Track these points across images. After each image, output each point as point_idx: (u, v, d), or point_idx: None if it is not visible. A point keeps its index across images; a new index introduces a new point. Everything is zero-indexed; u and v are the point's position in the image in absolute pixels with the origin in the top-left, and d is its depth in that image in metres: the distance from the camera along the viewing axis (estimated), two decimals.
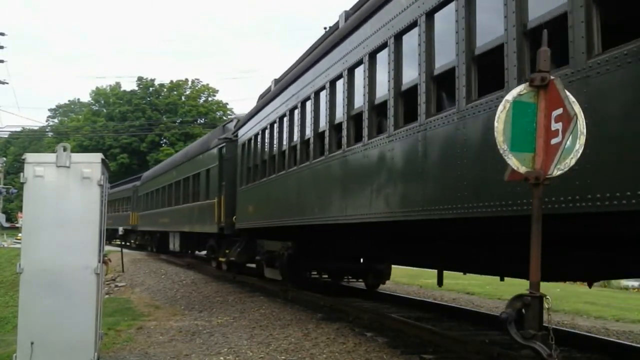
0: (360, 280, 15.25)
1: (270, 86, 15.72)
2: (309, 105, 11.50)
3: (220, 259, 19.72)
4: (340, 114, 9.91)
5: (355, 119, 9.35)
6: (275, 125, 13.66)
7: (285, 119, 12.93)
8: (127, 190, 41.73)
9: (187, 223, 23.50)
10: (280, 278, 14.52)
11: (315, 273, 15.59)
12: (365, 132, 8.78)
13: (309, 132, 11.40)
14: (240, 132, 17.48)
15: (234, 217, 16.84)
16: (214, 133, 22.24)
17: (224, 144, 18.89)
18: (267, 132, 14.45)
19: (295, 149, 12.12)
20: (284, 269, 14.21)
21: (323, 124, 10.66)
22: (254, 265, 17.93)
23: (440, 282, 9.94)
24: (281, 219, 12.74)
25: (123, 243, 43.90)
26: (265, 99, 15.11)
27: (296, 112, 12.24)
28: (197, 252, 28.00)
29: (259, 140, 15.28)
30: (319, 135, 10.89)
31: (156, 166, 40.06)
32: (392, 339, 8.45)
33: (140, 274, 20.87)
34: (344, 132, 9.60)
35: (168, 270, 21.90)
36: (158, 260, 27.31)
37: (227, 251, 18.64)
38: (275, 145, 13.63)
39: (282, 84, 13.64)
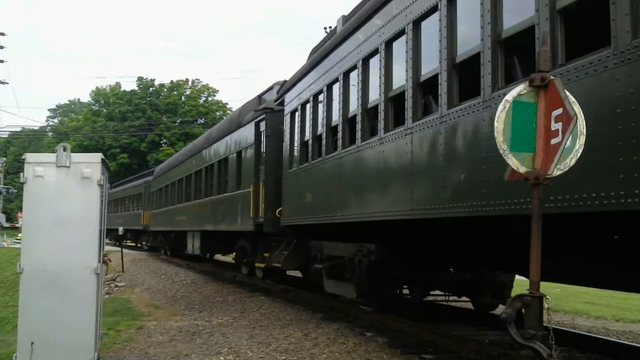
0: (465, 298, 10.86)
1: (335, 27, 11.57)
2: (402, 43, 7.93)
3: (257, 264, 15.83)
4: None
5: None
6: (347, 80, 9.80)
7: (359, 71, 9.25)
8: (138, 187, 37.40)
9: (211, 220, 19.52)
10: (354, 295, 10.27)
11: (406, 289, 10.86)
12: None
13: (404, 80, 7.81)
14: (288, 97, 13.21)
15: (278, 210, 13.14)
16: (246, 107, 17.38)
17: (263, 116, 14.75)
18: (334, 89, 10.30)
19: (388, 108, 8.34)
20: (361, 283, 9.78)
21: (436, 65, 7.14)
22: (298, 274, 15.43)
23: None
24: (360, 212, 8.96)
25: (124, 242, 42.01)
26: (328, 47, 10.92)
27: (378, 58, 8.60)
28: (221, 255, 25.11)
29: (319, 104, 11.16)
30: (428, 83, 7.44)
31: (171, 157, 35.52)
32: (392, 339, 8.44)
33: (140, 274, 20.86)
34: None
35: (168, 270, 21.89)
36: (158, 260, 27.29)
37: (266, 255, 14.93)
38: (348, 106, 9.72)
39: (358, 18, 9.44)
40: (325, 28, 12.11)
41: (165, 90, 78.03)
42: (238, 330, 9.77)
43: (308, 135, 11.68)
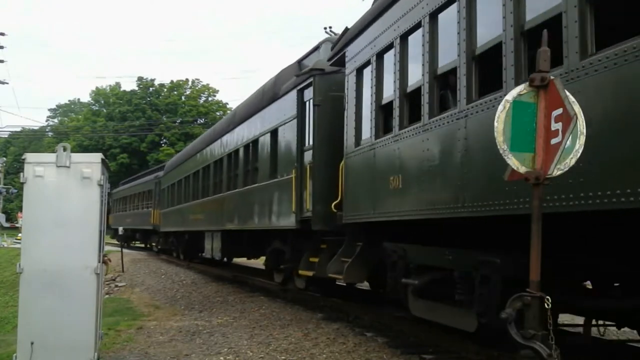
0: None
1: None
2: None
3: (302, 272, 12.25)
4: None
5: None
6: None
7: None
8: (148, 183, 33.69)
9: (235, 218, 16.05)
10: (473, 328, 7.03)
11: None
12: None
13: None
14: (352, 50, 9.66)
15: (335, 202, 9.94)
16: (283, 75, 13.60)
17: (309, 81, 11.30)
18: (446, 16, 6.93)
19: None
20: (489, 311, 6.45)
21: None
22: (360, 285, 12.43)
23: None
24: (507, 200, 5.53)
25: (132, 243, 40.24)
26: None
27: None
28: (246, 259, 21.51)
29: (411, 46, 7.83)
30: None
31: (186, 147, 31.17)
32: (392, 339, 8.44)
33: (140, 274, 20.86)
34: None
35: (168, 270, 21.90)
36: (158, 260, 27.29)
37: (313, 260, 11.57)
38: (475, 37, 6.40)
39: None
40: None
41: (165, 90, 78.04)
42: (238, 330, 9.77)
43: (392, 94, 8.04)
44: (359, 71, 9.45)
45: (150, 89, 78.27)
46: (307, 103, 11.58)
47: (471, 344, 7.39)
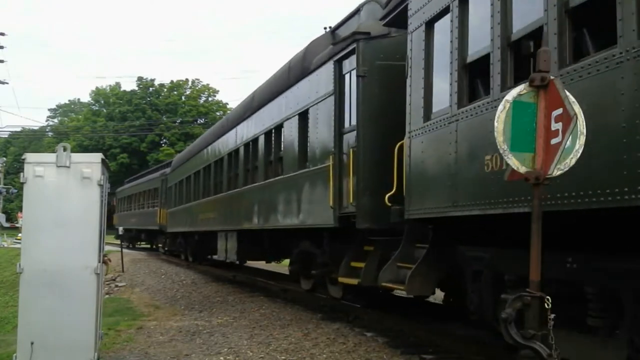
0: None
1: None
2: None
3: (342, 279, 10.02)
4: None
5: None
6: None
7: None
8: (154, 181, 31.98)
9: (255, 216, 13.97)
10: None
11: None
12: None
13: None
14: (418, 1, 7.64)
15: (389, 194, 8.07)
16: (314, 46, 11.53)
17: (351, 49, 9.37)
18: None
19: None
20: None
21: None
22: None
23: None
24: None
25: (138, 244, 38.78)
26: None
27: None
28: (265, 263, 18.31)
29: None
30: None
31: (194, 142, 28.25)
32: (392, 339, 8.44)
33: (140, 274, 20.86)
34: None
35: (168, 270, 21.90)
36: (158, 260, 27.29)
37: (356, 265, 9.63)
38: None
39: None
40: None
41: (165, 90, 78.09)
42: (238, 330, 9.77)
43: (488, 45, 6.07)
44: (430, 25, 7.40)
45: (150, 89, 78.31)
46: (348, 75, 9.62)
47: (471, 344, 7.40)
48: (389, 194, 8.09)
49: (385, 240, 8.92)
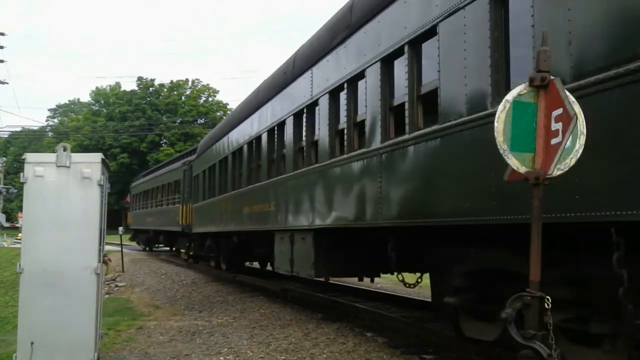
0: None
1: None
2: None
3: None
4: None
5: None
6: None
7: None
8: (175, 172, 26.67)
9: (366, 204, 8.00)
10: None
11: None
12: None
13: None
14: None
15: None
16: None
17: None
18: None
19: None
20: None
21: None
22: None
23: None
24: None
25: (156, 246, 34.39)
26: None
27: None
28: (359, 280, 11.99)
29: None
30: None
31: (235, 107, 19.23)
32: (392, 339, 8.44)
33: (140, 274, 20.87)
34: None
35: (168, 270, 21.89)
36: (158, 260, 27.27)
37: None
38: None
39: None
40: None
41: (165, 90, 78.17)
42: (238, 330, 9.77)
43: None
44: None
45: (150, 89, 78.40)
46: None
47: (471, 344, 7.39)
48: None
49: None
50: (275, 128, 12.35)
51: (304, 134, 10.78)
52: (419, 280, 9.32)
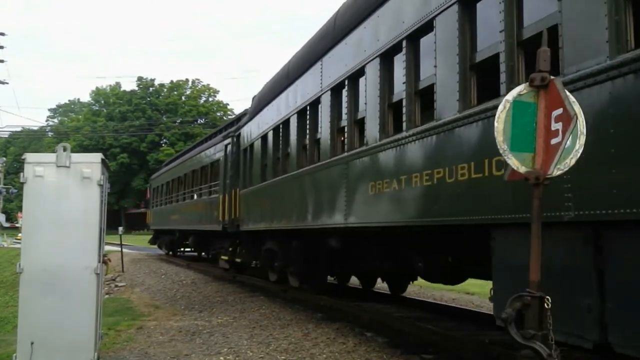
0: None
1: None
2: None
3: None
4: None
5: None
6: None
7: None
8: (212, 150, 19.80)
9: None
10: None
11: None
12: None
13: None
14: None
15: None
16: None
17: None
18: None
19: None
20: None
21: None
22: None
23: None
24: None
25: (169, 252, 29.47)
26: None
27: None
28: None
29: None
30: None
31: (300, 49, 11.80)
32: (392, 339, 8.44)
33: (140, 274, 20.86)
34: None
35: (168, 270, 21.88)
36: (158, 260, 27.26)
37: None
38: None
39: None
40: None
41: (165, 90, 78.20)
42: (238, 330, 9.77)
43: None
44: None
45: (150, 89, 78.43)
46: None
47: (471, 344, 7.39)
48: None
49: None
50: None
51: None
52: None
